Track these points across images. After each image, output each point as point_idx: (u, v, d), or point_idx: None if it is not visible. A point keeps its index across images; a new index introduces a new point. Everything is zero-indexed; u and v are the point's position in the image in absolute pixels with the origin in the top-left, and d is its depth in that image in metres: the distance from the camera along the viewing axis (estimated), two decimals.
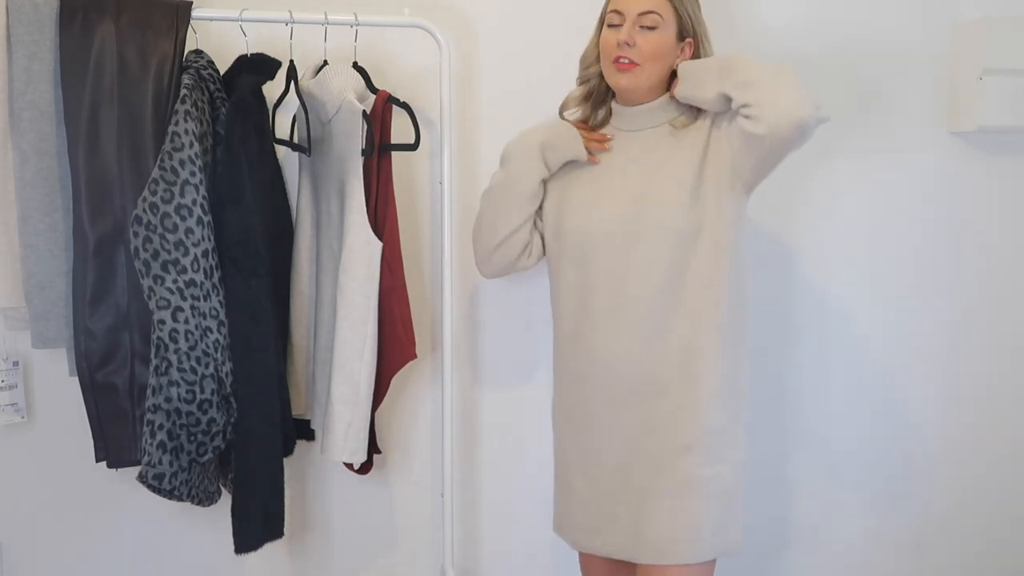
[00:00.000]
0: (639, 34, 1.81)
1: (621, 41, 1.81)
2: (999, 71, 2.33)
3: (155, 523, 2.22)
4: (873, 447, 2.53)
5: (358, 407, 2.00)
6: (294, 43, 2.01)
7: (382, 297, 2.01)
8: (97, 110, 1.83)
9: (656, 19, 1.81)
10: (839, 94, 2.39)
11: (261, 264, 1.92)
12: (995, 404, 2.56)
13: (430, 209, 2.27)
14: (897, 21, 2.39)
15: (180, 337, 1.83)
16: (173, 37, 1.87)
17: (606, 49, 1.86)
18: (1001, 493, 2.60)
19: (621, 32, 1.82)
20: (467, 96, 2.25)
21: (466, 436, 2.35)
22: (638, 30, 1.81)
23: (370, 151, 1.94)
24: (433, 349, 2.30)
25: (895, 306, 2.49)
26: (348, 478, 2.23)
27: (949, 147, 2.45)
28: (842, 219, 2.44)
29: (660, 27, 1.82)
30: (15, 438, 2.14)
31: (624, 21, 1.82)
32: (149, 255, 1.81)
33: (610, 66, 1.85)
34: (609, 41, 1.85)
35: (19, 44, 1.83)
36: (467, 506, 2.37)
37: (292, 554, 2.32)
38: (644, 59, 1.82)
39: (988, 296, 2.52)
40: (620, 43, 1.81)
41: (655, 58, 1.83)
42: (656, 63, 1.84)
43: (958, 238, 2.49)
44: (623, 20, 1.83)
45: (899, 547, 2.57)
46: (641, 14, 1.81)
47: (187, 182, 1.82)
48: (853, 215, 2.44)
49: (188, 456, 1.88)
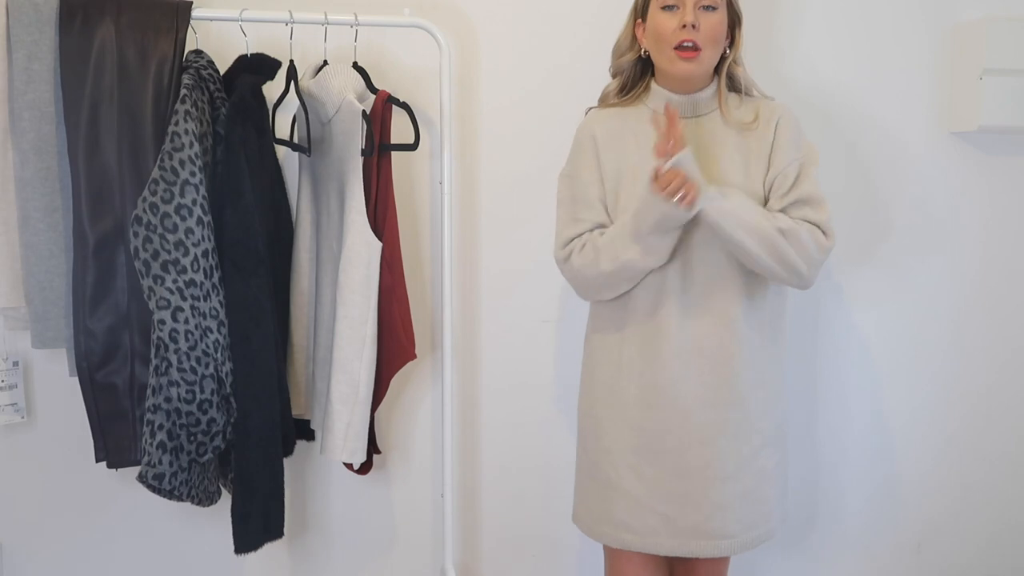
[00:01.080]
0: (701, 15, 1.73)
1: (688, 23, 1.71)
2: (999, 71, 2.33)
3: (155, 523, 2.22)
4: (873, 447, 2.52)
5: (358, 407, 2.00)
6: (294, 43, 2.01)
7: (382, 297, 2.01)
8: (97, 110, 1.83)
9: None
10: (840, 93, 2.38)
11: (261, 264, 1.92)
12: (994, 404, 2.56)
13: (430, 209, 2.27)
14: (897, 21, 2.39)
15: (180, 337, 1.83)
16: (173, 37, 1.87)
17: (663, 34, 1.75)
18: (1001, 493, 2.60)
19: (685, 13, 1.72)
20: (467, 96, 2.25)
21: (466, 436, 2.35)
22: (699, 11, 1.73)
23: (370, 151, 1.94)
24: (433, 349, 2.30)
25: (894, 306, 2.49)
26: (348, 478, 2.23)
27: (949, 147, 2.45)
28: (841, 219, 2.44)
29: (719, 6, 1.75)
30: (15, 438, 2.14)
31: (683, 3, 1.73)
32: (149, 255, 1.81)
33: (670, 52, 1.75)
34: (667, 25, 1.74)
35: (19, 44, 1.83)
36: (467, 506, 2.37)
37: (292, 554, 2.32)
38: (707, 43, 1.74)
39: (987, 296, 2.52)
40: (687, 25, 1.71)
41: (716, 41, 1.76)
42: (717, 47, 1.77)
43: (958, 238, 2.49)
44: (681, 2, 1.73)
45: (899, 547, 2.57)
46: None
47: (187, 182, 1.82)
48: (852, 215, 2.43)
49: (188, 456, 1.88)
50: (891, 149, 2.43)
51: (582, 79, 2.05)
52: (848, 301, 2.47)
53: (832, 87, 2.38)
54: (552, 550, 2.39)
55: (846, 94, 2.39)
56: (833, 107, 2.40)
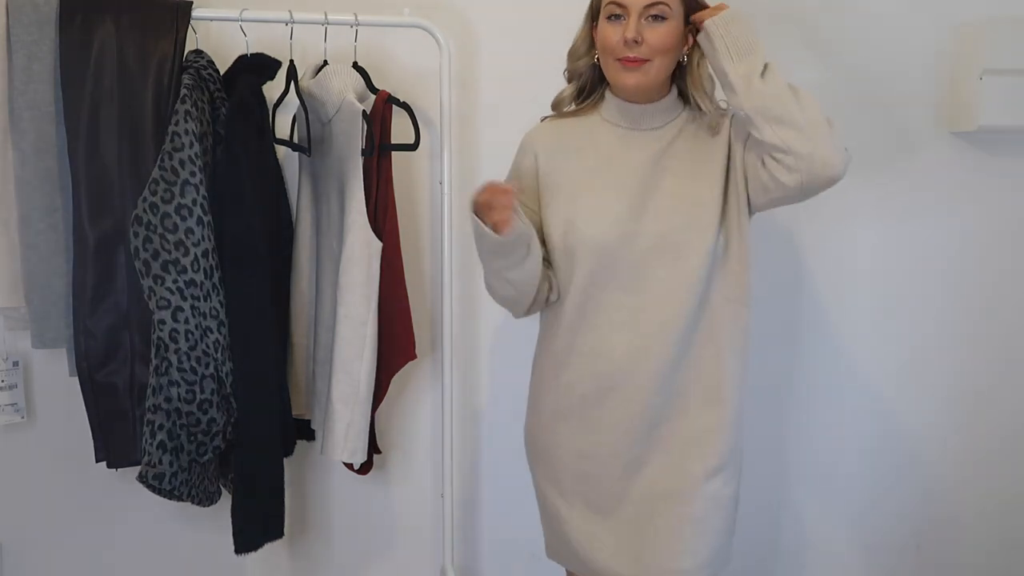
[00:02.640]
0: (646, 27, 1.62)
1: (628, 39, 1.61)
2: (999, 71, 2.33)
3: (155, 523, 2.22)
4: (873, 447, 2.52)
5: (358, 407, 2.00)
6: (294, 43, 2.01)
7: (382, 297, 2.01)
8: (97, 110, 1.83)
9: (664, 8, 1.62)
10: (839, 94, 2.38)
11: (261, 264, 1.92)
12: (995, 403, 2.56)
13: (430, 209, 2.27)
14: (897, 21, 2.39)
15: (180, 337, 1.83)
16: (173, 37, 1.87)
17: (607, 46, 1.66)
18: (1001, 493, 2.59)
19: (627, 28, 1.62)
20: (467, 96, 2.25)
21: (466, 436, 2.35)
22: (645, 22, 1.62)
23: (370, 151, 1.94)
24: (433, 349, 2.30)
25: (894, 306, 2.49)
26: (348, 478, 2.23)
27: (949, 147, 2.45)
28: (842, 219, 2.44)
29: (669, 16, 1.63)
30: (15, 438, 2.14)
31: (628, 13, 1.63)
32: (149, 255, 1.81)
33: (614, 64, 1.66)
34: (611, 37, 1.65)
35: (19, 44, 1.83)
36: (467, 506, 2.37)
37: (292, 554, 2.32)
38: (654, 54, 1.63)
39: (988, 296, 2.52)
40: (627, 41, 1.62)
41: (665, 51, 1.64)
42: (666, 56, 1.65)
43: (958, 238, 2.49)
44: (626, 12, 1.63)
45: (899, 547, 2.57)
46: (649, 5, 1.62)
47: (187, 182, 1.82)
48: (853, 215, 2.43)
49: (188, 456, 1.88)
50: (891, 149, 2.43)
51: None
52: (847, 301, 2.47)
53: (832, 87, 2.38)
54: None
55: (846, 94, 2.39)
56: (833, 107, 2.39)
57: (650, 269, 1.68)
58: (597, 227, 1.69)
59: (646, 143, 1.73)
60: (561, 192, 1.74)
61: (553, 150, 1.77)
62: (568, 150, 1.76)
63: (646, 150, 1.72)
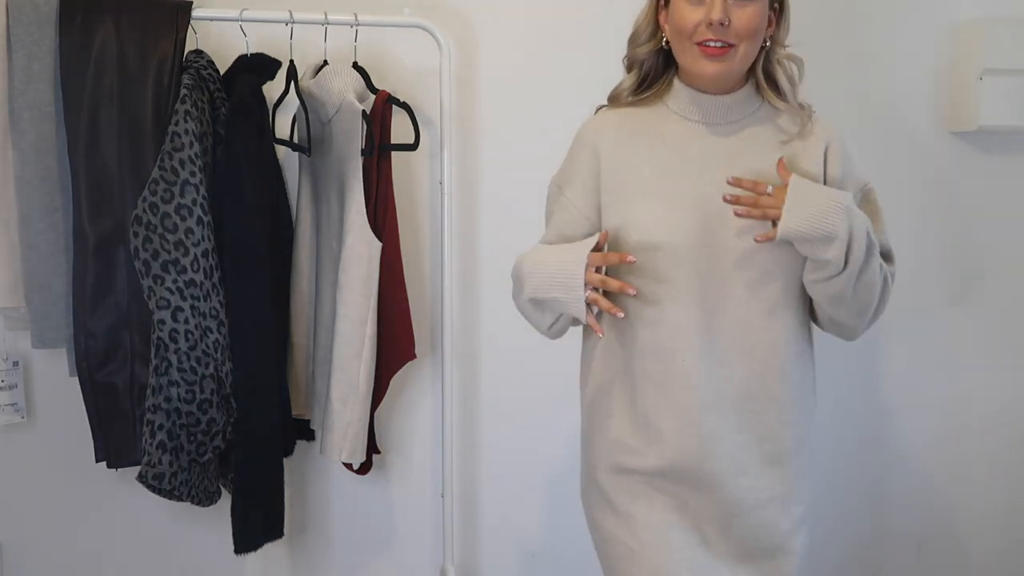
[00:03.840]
0: (733, 7, 1.43)
1: (715, 20, 1.41)
2: (999, 71, 2.33)
3: (155, 523, 2.22)
4: (873, 447, 2.52)
5: (358, 407, 2.00)
6: (294, 43, 2.01)
7: (382, 297, 2.01)
8: (97, 110, 1.83)
9: None
10: (840, 94, 2.38)
11: (261, 264, 1.92)
12: (995, 404, 2.56)
13: (430, 209, 2.27)
14: (897, 21, 2.39)
15: (180, 337, 1.83)
16: (173, 37, 1.87)
17: (685, 28, 1.45)
18: (1001, 493, 2.60)
19: (713, 8, 1.42)
20: (467, 96, 2.25)
21: (466, 436, 2.35)
22: (732, 2, 1.43)
23: (370, 151, 1.94)
24: (433, 349, 2.30)
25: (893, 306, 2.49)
26: (348, 478, 2.23)
27: (949, 147, 2.45)
28: None
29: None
30: (15, 438, 2.14)
31: None
32: (149, 255, 1.81)
33: (693, 49, 1.46)
34: (691, 19, 1.44)
35: (19, 44, 1.83)
36: (467, 506, 2.37)
37: (292, 554, 2.32)
38: (740, 38, 1.44)
39: (988, 296, 2.52)
40: (713, 23, 1.42)
41: (752, 36, 1.45)
42: (753, 42, 1.46)
43: (958, 238, 2.49)
44: None
45: (899, 547, 2.57)
46: None
47: (187, 182, 1.82)
48: None
49: (188, 456, 1.88)
50: (891, 149, 2.43)
51: (583, 78, 2.05)
52: None
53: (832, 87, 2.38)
54: (552, 550, 2.39)
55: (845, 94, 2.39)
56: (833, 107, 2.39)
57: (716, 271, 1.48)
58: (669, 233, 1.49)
59: (722, 139, 1.53)
60: (626, 192, 1.53)
61: (617, 145, 1.56)
62: (634, 145, 1.55)
63: (723, 147, 1.52)
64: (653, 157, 1.54)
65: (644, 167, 1.53)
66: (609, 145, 1.56)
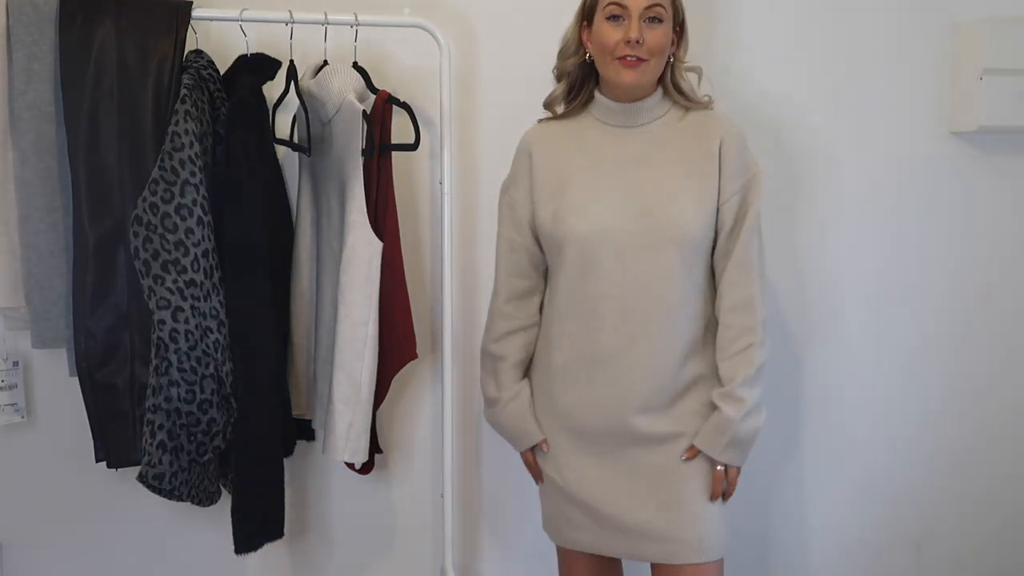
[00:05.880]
0: (645, 28, 1.74)
1: (632, 39, 1.72)
2: (999, 71, 2.33)
3: (155, 523, 2.22)
4: (872, 447, 2.52)
5: (359, 407, 2.00)
6: (294, 43, 2.01)
7: (382, 297, 2.01)
8: (97, 110, 1.83)
9: (661, 11, 1.75)
10: (839, 94, 2.39)
11: (261, 264, 1.92)
12: (995, 403, 2.56)
13: (430, 209, 2.27)
14: (897, 21, 2.39)
15: (180, 337, 1.83)
16: (173, 37, 1.87)
17: (607, 45, 1.76)
18: (1000, 493, 2.60)
19: (630, 28, 1.73)
20: (467, 96, 2.25)
21: (466, 436, 2.35)
22: (644, 24, 1.74)
23: (370, 151, 1.94)
24: (433, 349, 2.30)
25: (894, 306, 2.49)
26: (348, 478, 2.23)
27: (949, 147, 2.45)
28: (842, 218, 2.44)
29: (664, 18, 1.76)
30: (15, 438, 2.14)
31: (628, 15, 1.74)
32: (149, 255, 1.81)
33: (613, 63, 1.76)
34: (611, 37, 1.75)
35: (19, 44, 1.83)
36: (467, 506, 2.37)
37: (292, 554, 2.32)
38: (651, 54, 1.75)
39: (988, 296, 2.52)
40: (631, 41, 1.73)
41: (662, 52, 1.77)
42: (662, 57, 1.78)
43: (958, 238, 2.49)
44: (627, 13, 1.74)
45: (899, 547, 2.57)
46: (649, 7, 1.73)
47: (187, 182, 1.82)
48: (853, 214, 2.43)
49: (188, 456, 1.88)
50: (891, 149, 2.43)
51: None
52: (848, 301, 2.47)
53: (832, 87, 2.38)
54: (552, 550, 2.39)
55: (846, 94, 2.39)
56: (833, 107, 2.40)
57: (633, 260, 1.76)
58: (585, 220, 1.77)
59: (636, 139, 1.83)
60: (552, 187, 1.83)
61: (546, 148, 1.87)
62: (561, 148, 1.86)
63: (636, 146, 1.82)
64: (575, 156, 1.84)
65: (567, 165, 1.84)
66: (540, 150, 1.88)
